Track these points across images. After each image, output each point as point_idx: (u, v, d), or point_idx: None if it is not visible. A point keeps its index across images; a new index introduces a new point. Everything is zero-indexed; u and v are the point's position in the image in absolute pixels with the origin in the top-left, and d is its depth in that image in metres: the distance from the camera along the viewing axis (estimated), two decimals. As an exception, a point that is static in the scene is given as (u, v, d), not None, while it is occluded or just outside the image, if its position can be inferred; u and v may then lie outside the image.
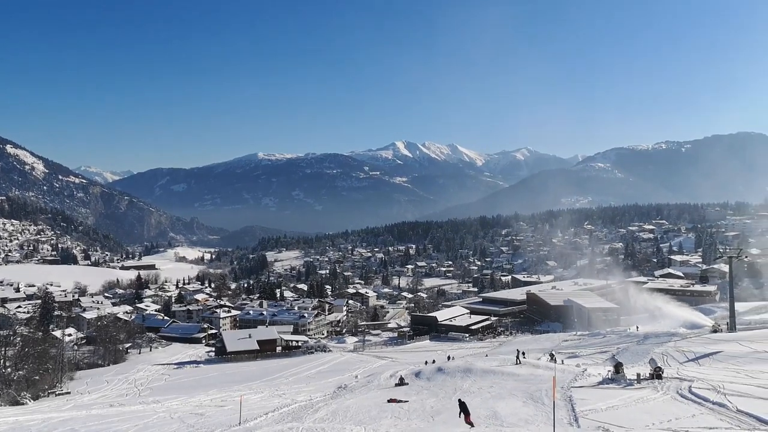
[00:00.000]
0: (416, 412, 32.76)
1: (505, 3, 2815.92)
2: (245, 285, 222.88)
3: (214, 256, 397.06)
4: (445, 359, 62.10)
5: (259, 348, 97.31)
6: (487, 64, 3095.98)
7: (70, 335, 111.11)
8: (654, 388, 32.89)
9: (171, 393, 60.15)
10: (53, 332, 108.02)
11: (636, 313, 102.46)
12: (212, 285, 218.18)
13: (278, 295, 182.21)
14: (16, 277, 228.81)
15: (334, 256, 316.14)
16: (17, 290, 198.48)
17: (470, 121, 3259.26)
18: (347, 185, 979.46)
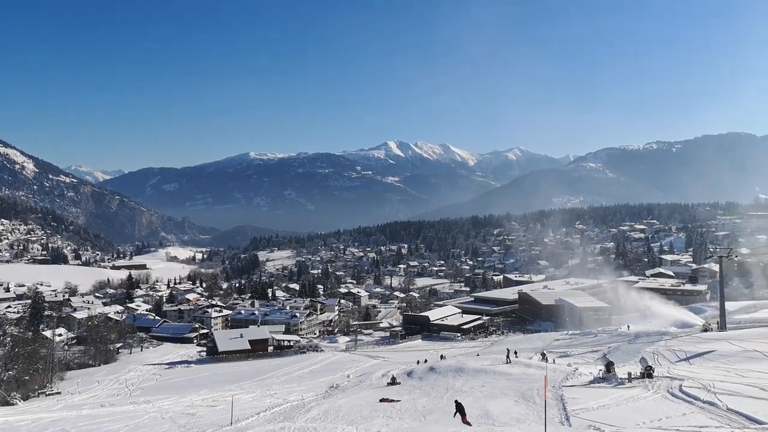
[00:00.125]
0: (408, 412, 32.74)
1: (499, 3, 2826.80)
2: (237, 285, 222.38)
3: (205, 256, 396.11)
4: (437, 358, 62.11)
5: (250, 348, 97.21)
6: (479, 64, 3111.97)
7: (60, 335, 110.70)
8: (645, 387, 33.04)
9: (162, 393, 59.86)
10: (43, 332, 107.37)
11: (627, 312, 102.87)
12: (204, 285, 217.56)
13: (270, 294, 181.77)
14: (6, 276, 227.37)
15: (326, 256, 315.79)
16: (7, 290, 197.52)
17: (462, 121, 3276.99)
18: (339, 185, 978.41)
